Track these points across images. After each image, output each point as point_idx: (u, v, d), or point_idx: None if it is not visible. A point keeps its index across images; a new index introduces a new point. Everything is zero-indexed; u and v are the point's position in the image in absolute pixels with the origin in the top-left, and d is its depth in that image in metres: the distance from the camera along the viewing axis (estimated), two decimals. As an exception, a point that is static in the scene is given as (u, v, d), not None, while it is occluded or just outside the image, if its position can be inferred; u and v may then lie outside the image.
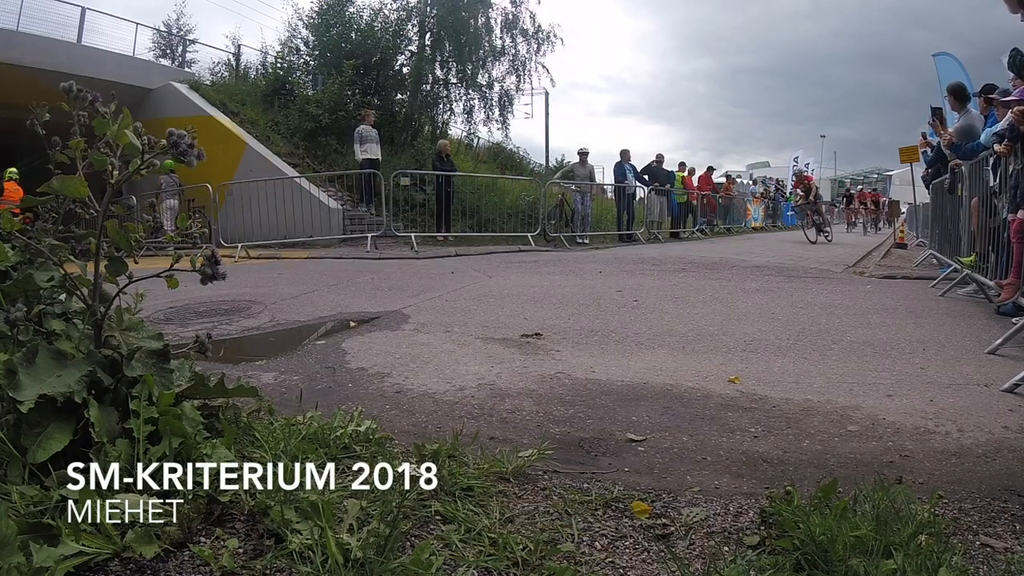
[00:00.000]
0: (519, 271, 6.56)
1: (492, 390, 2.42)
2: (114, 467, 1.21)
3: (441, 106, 15.93)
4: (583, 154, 11.92)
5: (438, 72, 15.71)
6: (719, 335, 3.42)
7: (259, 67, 15.96)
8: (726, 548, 1.29)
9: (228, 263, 6.89)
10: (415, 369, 2.72)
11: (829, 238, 12.58)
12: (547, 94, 16.95)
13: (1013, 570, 1.19)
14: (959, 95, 6.05)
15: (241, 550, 1.16)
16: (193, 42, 21.00)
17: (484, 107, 15.98)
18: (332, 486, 1.38)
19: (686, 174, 14.79)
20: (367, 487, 1.36)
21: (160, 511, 1.16)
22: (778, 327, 3.65)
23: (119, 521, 1.12)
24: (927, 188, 8.56)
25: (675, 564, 1.21)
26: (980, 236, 4.79)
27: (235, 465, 1.35)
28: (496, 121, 16.04)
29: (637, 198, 12.74)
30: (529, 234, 10.31)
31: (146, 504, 1.16)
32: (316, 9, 14.72)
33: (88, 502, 1.10)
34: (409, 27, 15.07)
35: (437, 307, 4.24)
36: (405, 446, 1.74)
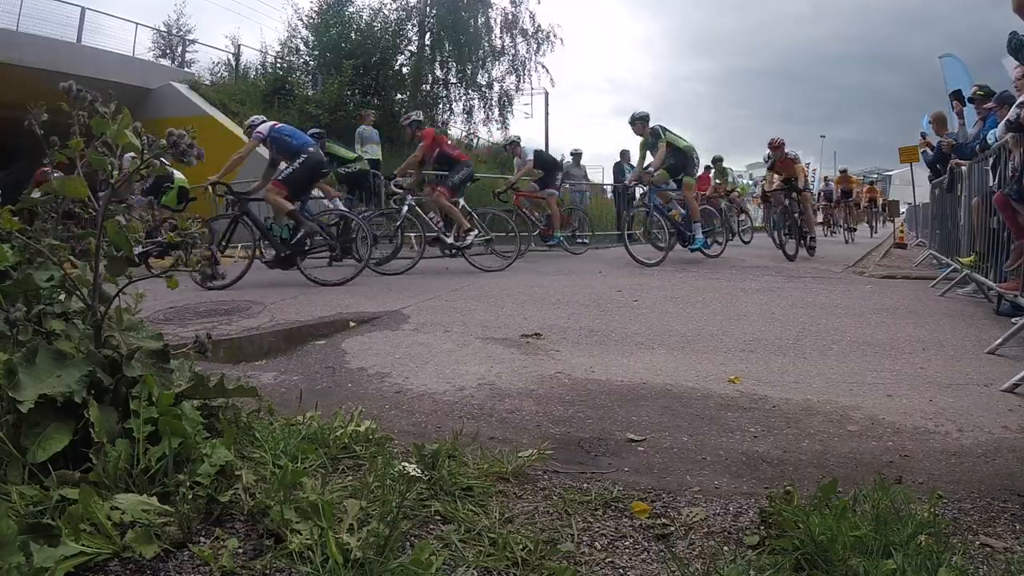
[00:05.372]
0: (518, 271, 6.56)
1: (492, 390, 2.42)
2: (114, 467, 1.22)
3: (441, 106, 15.97)
4: (576, 154, 11.95)
5: (438, 72, 15.76)
6: (719, 335, 3.42)
7: (259, 67, 16.00)
8: (726, 548, 1.29)
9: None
10: (415, 369, 2.72)
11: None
12: (547, 94, 17.00)
13: (1013, 570, 1.19)
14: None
15: (241, 550, 1.16)
16: (193, 42, 21.04)
17: (484, 107, 16.04)
18: (332, 486, 1.38)
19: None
20: (367, 487, 1.36)
21: (160, 511, 1.16)
22: (778, 327, 3.65)
23: (119, 521, 1.12)
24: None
25: (675, 564, 1.21)
26: (980, 236, 4.79)
27: (235, 465, 1.35)
28: (496, 121, 16.08)
29: (636, 198, 12.72)
30: (528, 234, 10.30)
31: (146, 504, 1.16)
32: (316, 9, 14.74)
33: (88, 502, 1.10)
34: (409, 27, 15.11)
35: (437, 307, 4.24)
36: (405, 446, 1.74)
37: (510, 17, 15.70)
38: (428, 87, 15.67)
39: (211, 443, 1.33)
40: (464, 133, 16.45)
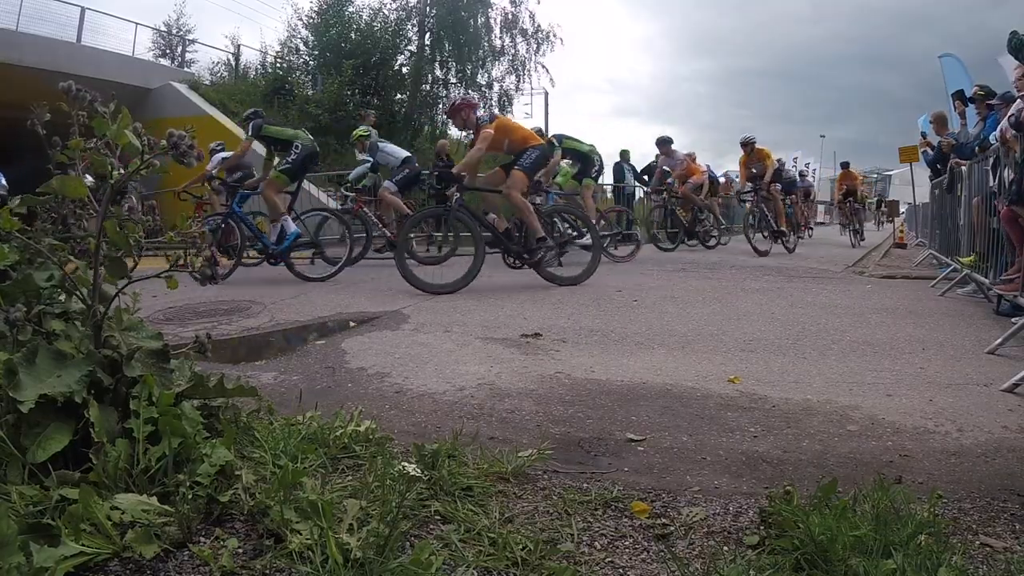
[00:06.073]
0: (518, 271, 6.56)
1: (492, 390, 2.42)
2: (114, 467, 1.22)
3: (441, 106, 15.97)
4: None
5: (438, 72, 15.79)
6: (719, 335, 3.42)
7: (259, 67, 16.02)
8: (726, 548, 1.29)
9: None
10: (415, 369, 2.72)
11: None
12: (547, 94, 17.01)
13: (1013, 570, 1.19)
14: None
15: (241, 550, 1.16)
16: (193, 42, 21.08)
17: (484, 107, 16.02)
18: (332, 486, 1.38)
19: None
20: (367, 487, 1.36)
21: (160, 511, 1.16)
22: (778, 327, 3.65)
23: (119, 521, 1.12)
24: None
25: (675, 564, 1.21)
26: (980, 236, 4.79)
27: (235, 465, 1.35)
28: (495, 121, 16.04)
29: (636, 198, 12.71)
30: None
31: (146, 504, 1.16)
32: (316, 9, 14.76)
33: (88, 502, 1.10)
34: (409, 27, 15.13)
35: (437, 307, 4.24)
36: (405, 446, 1.74)
37: (510, 17, 15.74)
38: (428, 87, 15.70)
39: (211, 443, 1.33)
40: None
